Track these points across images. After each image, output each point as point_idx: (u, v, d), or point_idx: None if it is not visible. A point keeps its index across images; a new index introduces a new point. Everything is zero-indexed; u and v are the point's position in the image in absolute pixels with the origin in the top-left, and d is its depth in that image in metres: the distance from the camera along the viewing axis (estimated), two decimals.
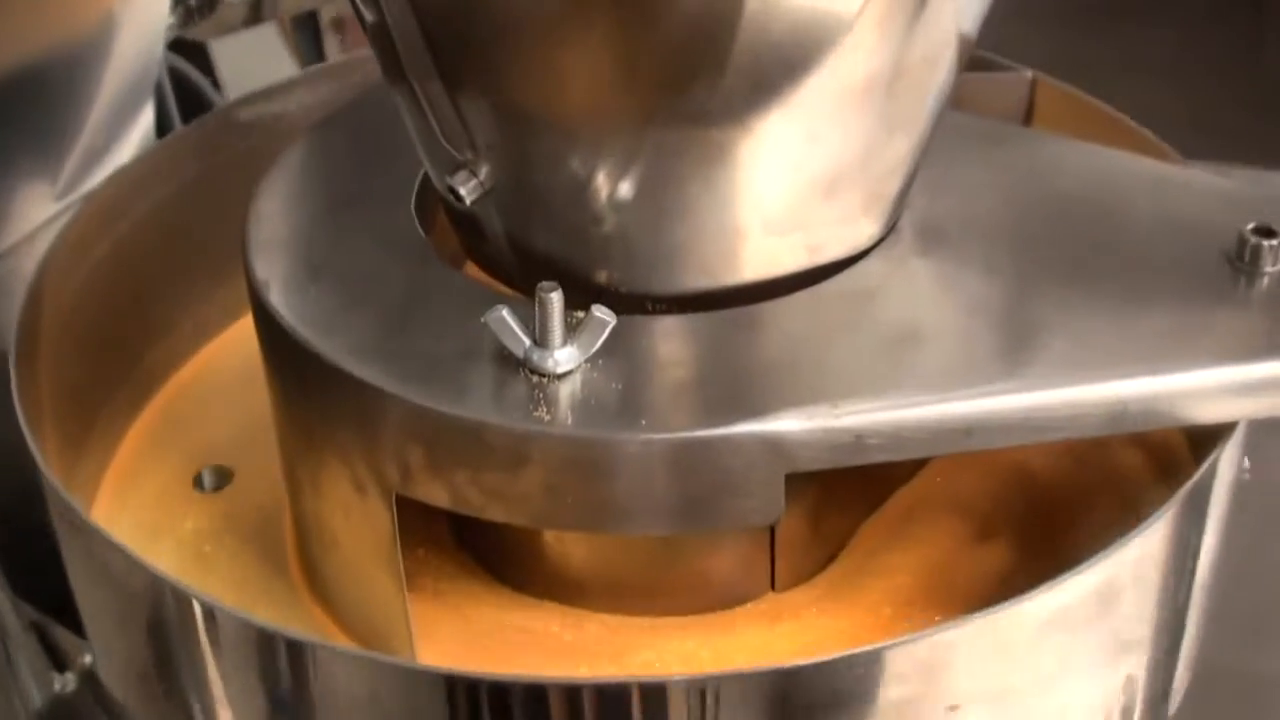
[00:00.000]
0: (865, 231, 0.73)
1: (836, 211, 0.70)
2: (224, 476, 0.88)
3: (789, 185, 0.68)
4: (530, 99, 0.67)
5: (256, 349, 0.98)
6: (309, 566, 0.81)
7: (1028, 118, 0.95)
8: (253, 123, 0.97)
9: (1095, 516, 0.82)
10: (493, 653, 0.76)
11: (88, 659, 0.95)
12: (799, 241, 0.70)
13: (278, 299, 0.72)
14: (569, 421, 0.64)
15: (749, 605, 0.78)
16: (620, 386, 0.66)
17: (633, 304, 0.71)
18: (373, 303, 0.72)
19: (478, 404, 0.66)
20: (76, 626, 0.92)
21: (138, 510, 0.88)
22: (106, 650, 0.81)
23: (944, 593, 0.78)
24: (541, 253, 0.72)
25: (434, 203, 0.80)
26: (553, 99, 0.67)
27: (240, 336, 0.98)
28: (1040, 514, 0.82)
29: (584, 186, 0.68)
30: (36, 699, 1.00)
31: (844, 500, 0.79)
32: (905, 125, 0.69)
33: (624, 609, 0.78)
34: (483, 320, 0.66)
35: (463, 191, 0.69)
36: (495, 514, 0.68)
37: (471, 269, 0.80)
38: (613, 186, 0.68)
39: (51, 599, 0.93)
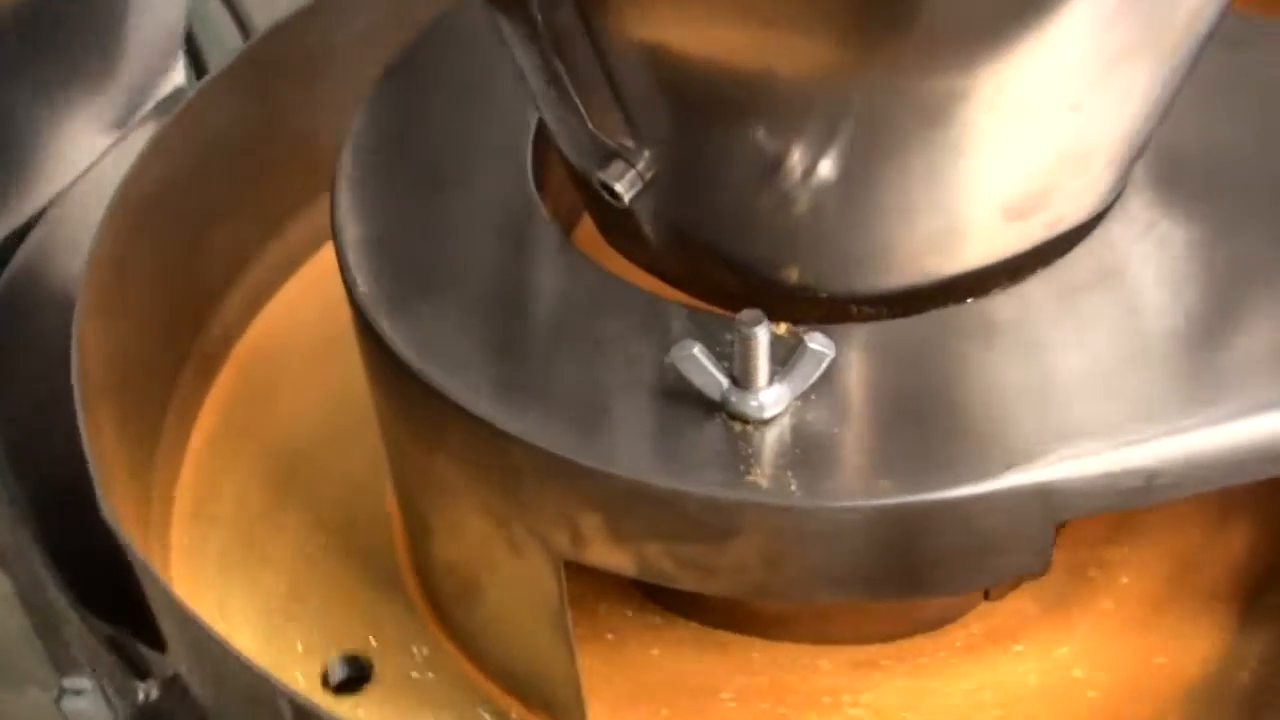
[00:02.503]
0: (1105, 190, 0.59)
1: (1084, 178, 0.57)
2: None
3: (1040, 163, 0.54)
4: (708, 57, 0.51)
5: (317, 307, 0.87)
6: (436, 601, 0.69)
7: None
8: (319, 39, 0.82)
9: None
10: (676, 709, 0.65)
11: (169, 670, 0.86)
12: (1039, 220, 0.57)
13: (391, 325, 0.58)
14: (791, 487, 0.52)
15: (963, 623, 0.67)
16: (842, 430, 0.54)
17: (833, 308, 0.58)
18: (508, 324, 0.58)
19: (671, 466, 0.53)
20: (153, 641, 0.84)
21: (223, 524, 0.77)
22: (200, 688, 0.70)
23: (1188, 588, 0.67)
24: (715, 251, 0.58)
25: (546, 158, 0.66)
26: (737, 53, 0.51)
27: (301, 290, 0.86)
28: None
29: (775, 165, 0.54)
30: (121, 710, 0.92)
31: None
32: (1176, 67, 0.55)
33: (815, 637, 0.67)
34: (668, 360, 0.53)
35: (619, 188, 0.55)
36: (693, 584, 0.56)
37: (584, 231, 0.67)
38: (811, 163, 0.53)
39: (126, 613, 0.84)
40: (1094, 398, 0.54)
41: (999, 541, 0.53)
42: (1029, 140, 0.53)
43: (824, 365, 0.53)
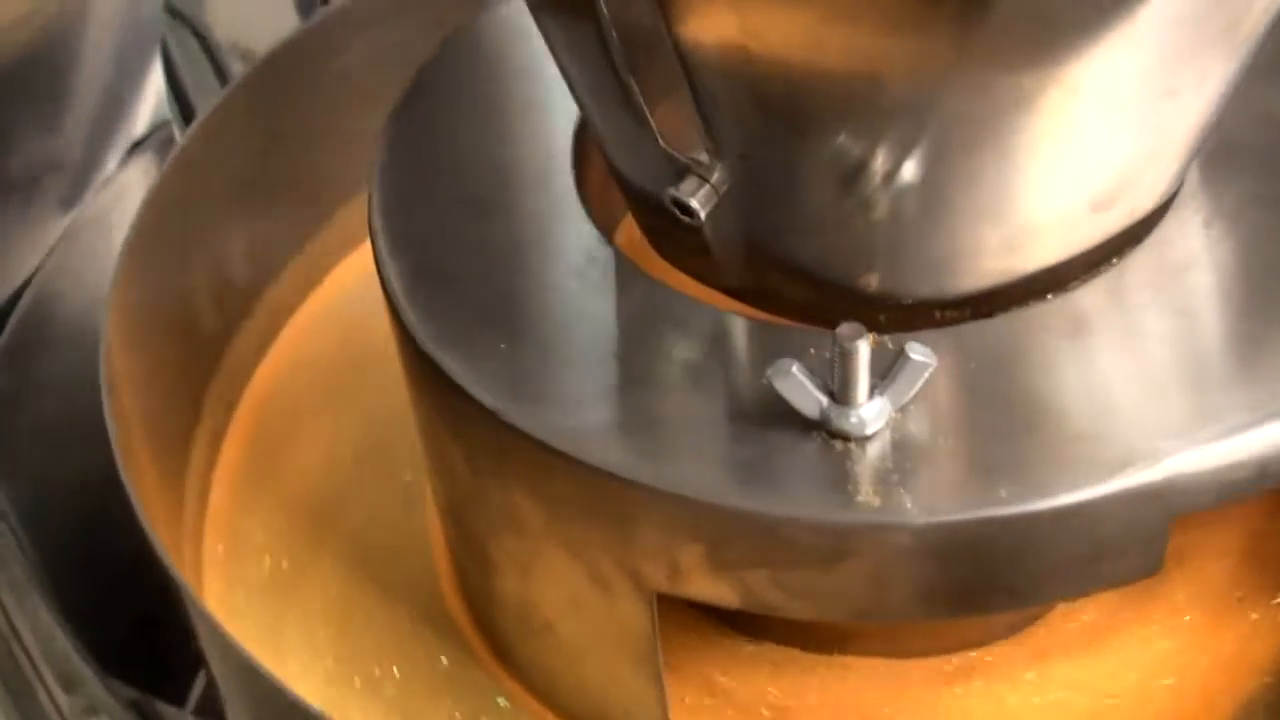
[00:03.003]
0: (1176, 176, 0.58)
1: (1162, 165, 0.56)
2: None
3: (1129, 153, 0.53)
4: (803, 57, 0.49)
5: (327, 340, 0.84)
6: (495, 636, 0.67)
7: None
8: (316, 64, 0.79)
9: None
10: None
11: None
12: (1119, 211, 0.56)
13: (459, 365, 0.55)
14: (906, 505, 0.50)
15: (1033, 630, 0.65)
16: (946, 440, 0.52)
17: (915, 313, 0.56)
18: (582, 355, 0.56)
19: (775, 491, 0.51)
20: (174, 697, 0.82)
21: (255, 570, 0.74)
22: None
23: (1261, 578, 0.66)
24: (789, 261, 0.56)
25: (583, 169, 0.64)
26: (833, 52, 0.48)
27: (309, 323, 0.83)
28: None
29: (859, 169, 0.52)
30: None
31: None
32: (1250, 50, 0.54)
33: (882, 650, 0.65)
34: (765, 379, 0.51)
35: (695, 204, 0.53)
36: (799, 612, 0.54)
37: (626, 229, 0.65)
38: (898, 165, 0.51)
39: (146, 675, 0.81)
40: (1196, 388, 0.52)
41: (1116, 544, 0.52)
42: (1122, 130, 0.52)
43: (926, 376, 0.51)
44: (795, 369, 0.51)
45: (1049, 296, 0.57)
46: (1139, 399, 0.52)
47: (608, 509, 0.53)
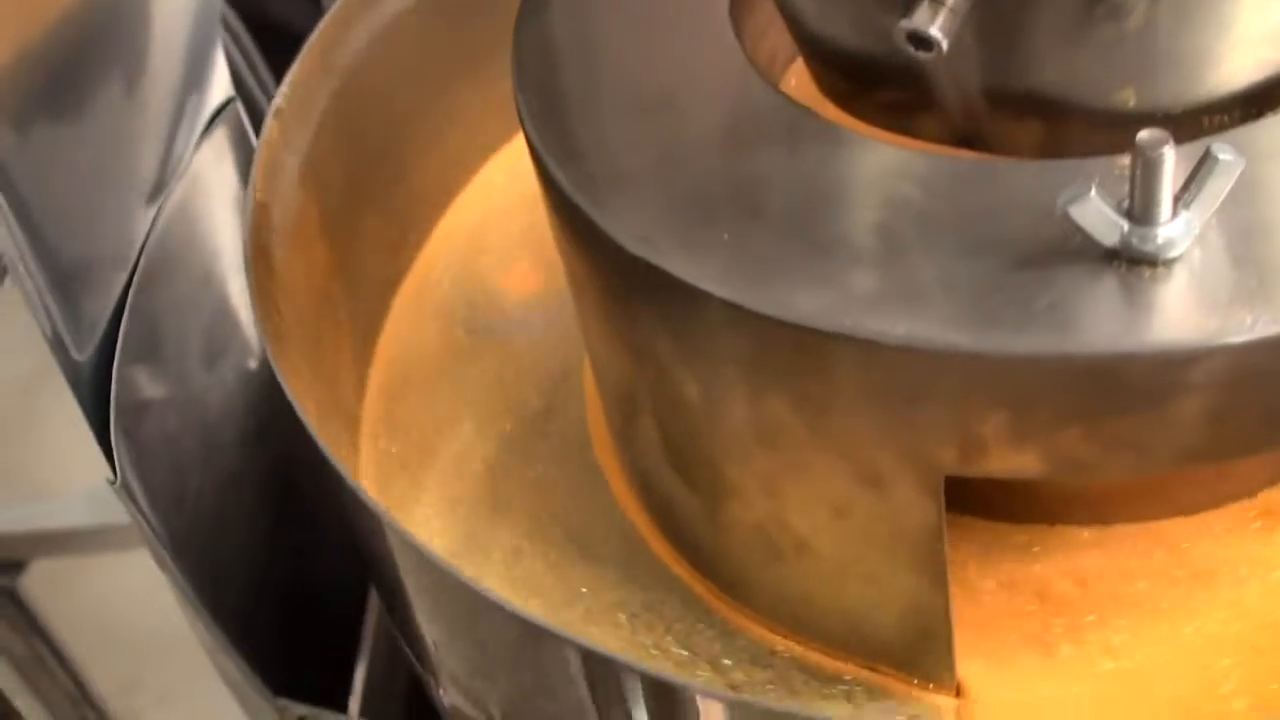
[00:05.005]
0: None
1: None
2: None
3: None
4: None
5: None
6: (724, 571, 0.61)
7: None
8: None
9: None
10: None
11: None
12: None
13: (685, 264, 0.49)
14: (1247, 320, 0.44)
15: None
16: (1266, 249, 0.46)
17: (1181, 125, 0.50)
18: (815, 226, 0.49)
19: (1091, 333, 0.45)
20: (339, 706, 0.80)
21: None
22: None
23: None
24: (1029, 92, 0.50)
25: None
26: None
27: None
28: None
29: None
30: None
31: None
32: None
33: (1162, 511, 0.59)
34: (1060, 210, 0.45)
35: (935, 32, 0.47)
36: (1118, 467, 0.48)
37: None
38: None
39: (311, 689, 0.75)
40: None
41: None
42: None
43: (1234, 176, 0.45)
44: (1094, 193, 0.45)
45: None
46: None
47: (892, 390, 0.47)
